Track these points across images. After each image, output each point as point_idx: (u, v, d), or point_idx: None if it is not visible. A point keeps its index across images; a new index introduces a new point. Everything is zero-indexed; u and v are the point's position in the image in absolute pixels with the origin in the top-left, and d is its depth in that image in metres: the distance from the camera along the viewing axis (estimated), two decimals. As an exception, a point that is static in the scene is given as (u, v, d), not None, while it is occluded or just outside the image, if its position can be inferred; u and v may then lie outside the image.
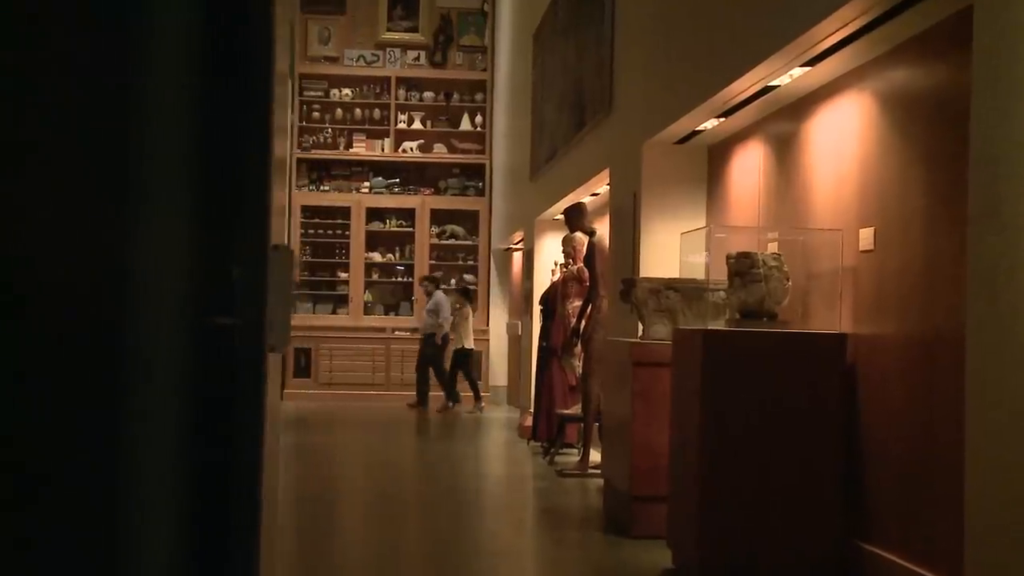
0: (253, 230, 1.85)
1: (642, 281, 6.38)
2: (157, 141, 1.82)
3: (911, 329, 4.38)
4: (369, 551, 6.00)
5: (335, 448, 11.10)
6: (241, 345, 1.87)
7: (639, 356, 5.96)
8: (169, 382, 1.83)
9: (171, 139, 1.83)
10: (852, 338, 4.86)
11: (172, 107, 1.82)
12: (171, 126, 1.83)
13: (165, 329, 1.82)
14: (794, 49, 4.71)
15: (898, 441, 4.47)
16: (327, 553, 5.83)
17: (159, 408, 1.82)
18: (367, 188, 16.82)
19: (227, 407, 1.88)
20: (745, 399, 4.79)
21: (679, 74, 6.42)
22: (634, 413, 5.91)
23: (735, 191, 6.59)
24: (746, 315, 5.11)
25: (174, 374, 1.83)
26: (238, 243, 1.87)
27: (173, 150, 1.83)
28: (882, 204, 4.65)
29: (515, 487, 8.52)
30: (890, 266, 4.57)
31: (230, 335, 1.88)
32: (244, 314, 1.87)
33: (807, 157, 5.46)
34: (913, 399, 4.35)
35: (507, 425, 12.85)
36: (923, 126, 4.36)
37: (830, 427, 4.80)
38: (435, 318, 14.65)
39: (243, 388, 1.86)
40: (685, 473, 5.05)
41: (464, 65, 17.08)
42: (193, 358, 1.88)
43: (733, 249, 5.24)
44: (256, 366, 1.86)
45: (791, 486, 4.78)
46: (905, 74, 4.52)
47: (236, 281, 1.88)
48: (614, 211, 8.06)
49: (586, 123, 9.00)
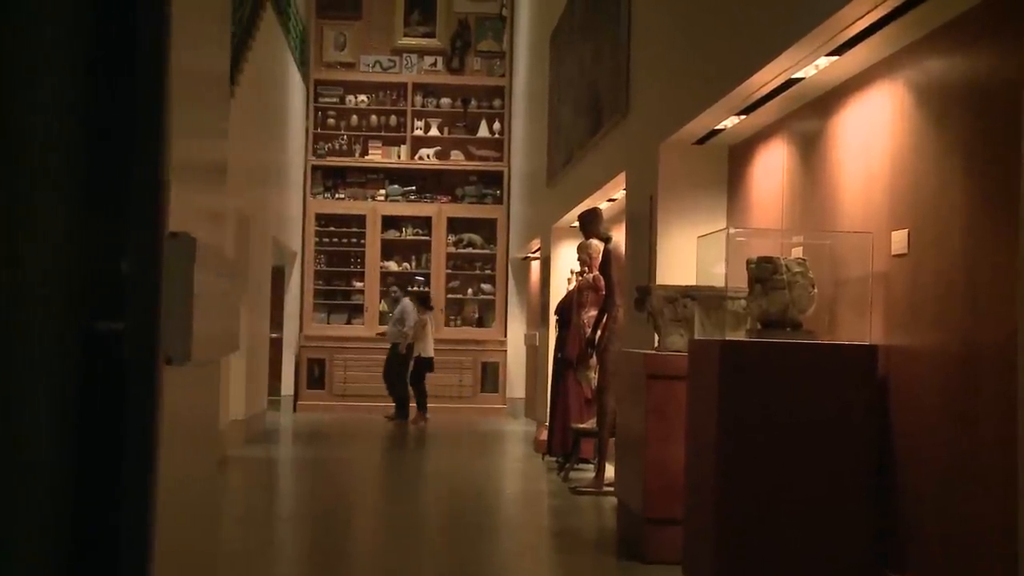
0: (144, 214, 1.49)
1: (658, 289, 6.01)
2: (25, 117, 1.48)
3: (950, 341, 3.98)
4: (368, 575, 5.66)
5: (345, 462, 10.78)
6: (130, 355, 1.51)
7: (654, 368, 5.60)
8: (40, 402, 1.48)
9: (44, 115, 1.48)
10: (884, 350, 4.47)
11: (46, 82, 1.48)
12: (45, 102, 1.48)
13: (37, 337, 1.47)
14: (819, 36, 4.35)
15: (935, 463, 4.07)
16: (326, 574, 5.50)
17: (27, 436, 1.47)
18: (383, 196, 16.53)
19: (112, 435, 1.52)
20: (766, 415, 4.41)
21: (697, 70, 6.06)
22: (648, 429, 5.54)
23: (757, 193, 6.21)
24: (768, 325, 4.73)
25: (47, 392, 1.48)
26: (126, 230, 1.52)
27: (46, 127, 1.48)
28: (916, 204, 4.27)
29: (527, 506, 8.16)
30: (926, 271, 4.18)
31: (117, 343, 1.53)
32: (134, 317, 1.51)
33: (834, 155, 5.08)
34: (952, 417, 3.96)
35: (524, 439, 12.51)
36: (963, 118, 3.98)
37: (859, 447, 4.42)
38: (400, 327, 14.34)
39: (132, 410, 1.50)
40: (701, 495, 4.68)
41: (482, 71, 16.78)
42: (71, 372, 1.53)
43: (754, 254, 4.86)
44: (147, 382, 1.50)
45: (816, 510, 4.40)
46: (942, 61, 4.14)
47: (124, 277, 1.52)
48: (630, 216, 7.70)
49: (603, 125, 8.64)
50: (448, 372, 16.02)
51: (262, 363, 12.55)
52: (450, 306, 16.50)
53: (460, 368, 16.12)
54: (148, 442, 1.51)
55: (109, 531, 1.51)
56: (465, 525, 7.14)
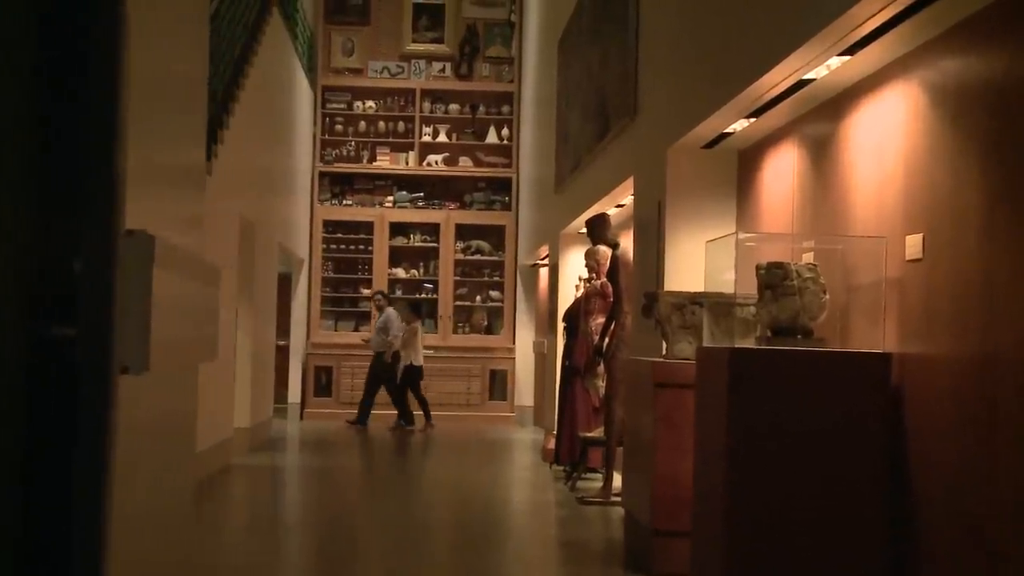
0: (97, 210, 1.38)
1: (665, 295, 5.89)
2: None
3: (967, 348, 3.85)
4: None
5: (351, 471, 10.66)
6: (82, 364, 1.39)
7: (662, 377, 5.48)
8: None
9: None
10: (898, 358, 4.33)
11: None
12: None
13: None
14: (829, 36, 4.22)
15: (950, 473, 3.94)
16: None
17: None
18: (391, 202, 16.44)
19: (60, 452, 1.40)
20: (776, 425, 4.29)
21: (705, 71, 5.94)
22: (656, 439, 5.41)
23: (767, 198, 6.09)
24: (778, 332, 4.60)
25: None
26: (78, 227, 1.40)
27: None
28: (932, 207, 4.14)
29: (534, 516, 8.03)
30: (942, 277, 4.05)
31: (67, 350, 1.41)
32: (86, 321, 1.40)
33: (846, 158, 4.95)
34: (968, 426, 3.83)
35: (532, 447, 12.40)
36: (980, 118, 3.85)
37: (872, 457, 4.28)
38: (384, 335, 14.24)
39: (84, 420, 1.38)
40: (710, 506, 4.55)
41: (490, 77, 16.69)
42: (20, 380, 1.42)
43: (764, 259, 4.74)
44: (101, 391, 1.38)
45: (828, 524, 4.27)
46: (958, 60, 4.01)
47: (75, 278, 1.41)
48: (638, 221, 7.58)
49: (610, 129, 8.53)
50: (456, 380, 15.91)
51: (268, 371, 12.44)
52: (458, 313, 16.39)
53: (468, 376, 16.01)
54: (101, 455, 1.39)
55: (60, 547, 1.40)
56: (471, 535, 7.02)
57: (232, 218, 9.75)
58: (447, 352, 16.04)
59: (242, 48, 10.05)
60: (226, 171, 9.13)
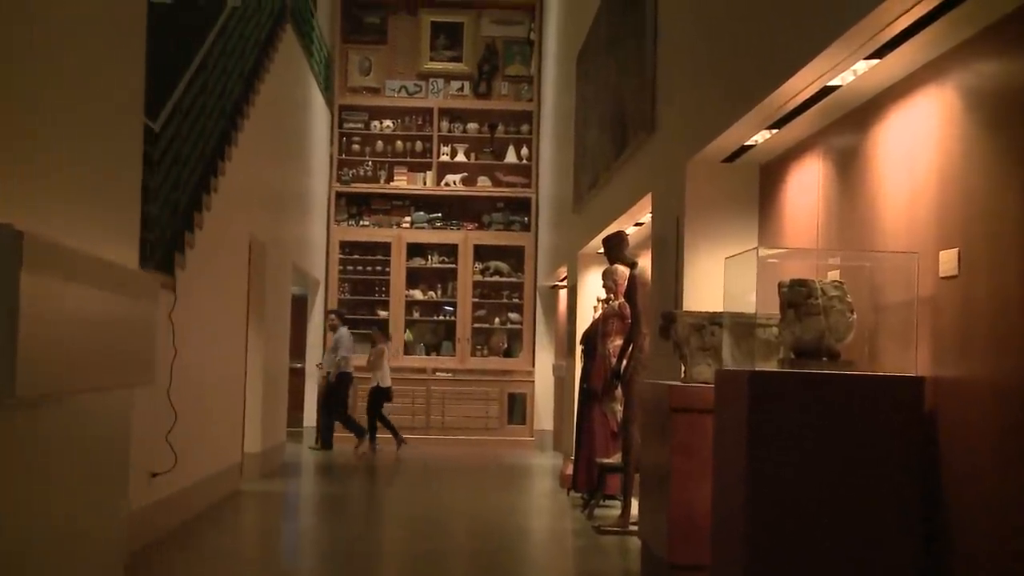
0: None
1: (683, 315, 5.61)
2: None
3: (1007, 371, 3.55)
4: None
5: (364, 497, 10.40)
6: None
7: (679, 401, 5.20)
8: None
9: None
10: (931, 382, 4.03)
11: None
12: None
13: None
14: (856, 38, 3.96)
15: (991, 509, 3.63)
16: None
17: None
18: (408, 223, 16.24)
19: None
20: (800, 453, 4.00)
21: (725, 80, 5.67)
22: (673, 467, 5.13)
23: (791, 213, 5.80)
24: (801, 354, 4.32)
25: None
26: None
27: None
28: (967, 221, 3.85)
29: (549, 545, 7.73)
30: (979, 295, 3.75)
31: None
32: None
33: (875, 168, 4.67)
34: (1009, 456, 3.52)
35: (551, 473, 12.11)
36: (1019, 123, 3.56)
37: (903, 488, 3.99)
38: (334, 356, 14.07)
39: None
40: (729, 540, 4.26)
41: (509, 95, 16.49)
42: None
43: (786, 276, 4.45)
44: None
45: (856, 558, 3.97)
46: (996, 62, 3.73)
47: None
48: (656, 238, 7.30)
49: (628, 144, 8.27)
50: (474, 403, 15.67)
51: (281, 394, 12.20)
52: (477, 335, 16.15)
53: (487, 399, 15.76)
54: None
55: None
56: (485, 565, 6.75)
57: (240, 237, 9.52)
58: (465, 375, 15.79)
59: (251, 67, 9.85)
60: (234, 188, 8.91)
